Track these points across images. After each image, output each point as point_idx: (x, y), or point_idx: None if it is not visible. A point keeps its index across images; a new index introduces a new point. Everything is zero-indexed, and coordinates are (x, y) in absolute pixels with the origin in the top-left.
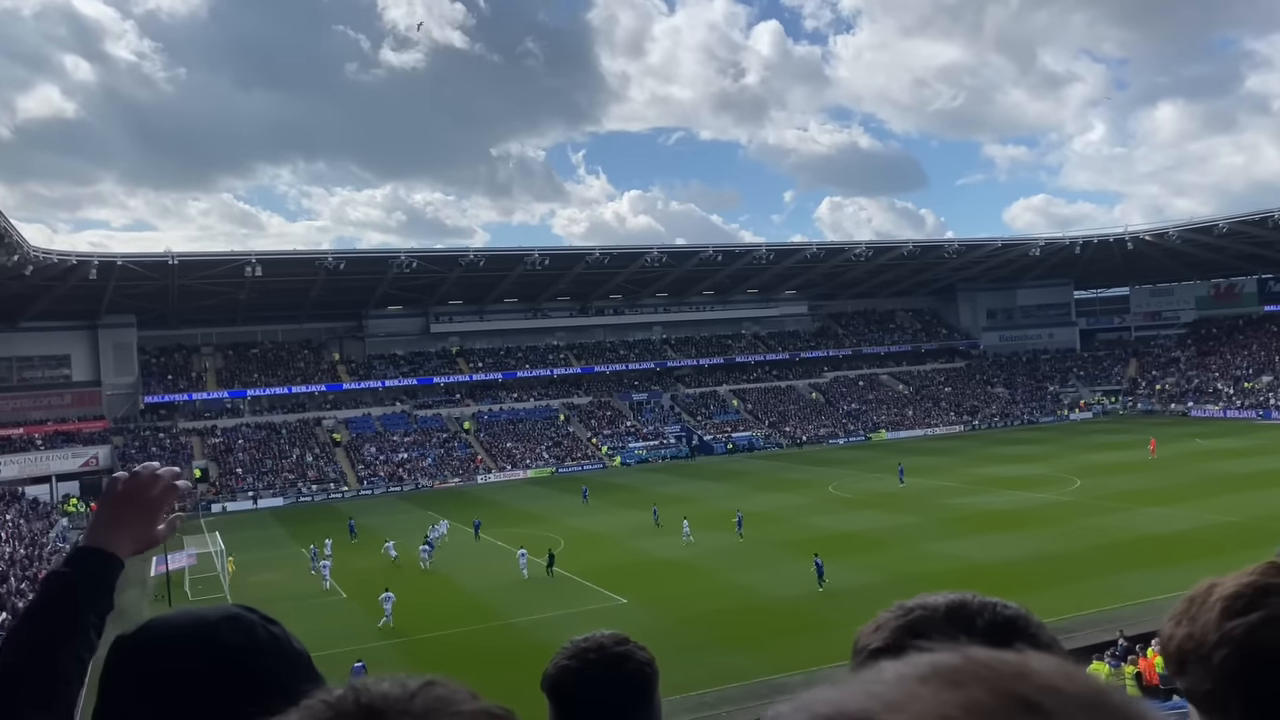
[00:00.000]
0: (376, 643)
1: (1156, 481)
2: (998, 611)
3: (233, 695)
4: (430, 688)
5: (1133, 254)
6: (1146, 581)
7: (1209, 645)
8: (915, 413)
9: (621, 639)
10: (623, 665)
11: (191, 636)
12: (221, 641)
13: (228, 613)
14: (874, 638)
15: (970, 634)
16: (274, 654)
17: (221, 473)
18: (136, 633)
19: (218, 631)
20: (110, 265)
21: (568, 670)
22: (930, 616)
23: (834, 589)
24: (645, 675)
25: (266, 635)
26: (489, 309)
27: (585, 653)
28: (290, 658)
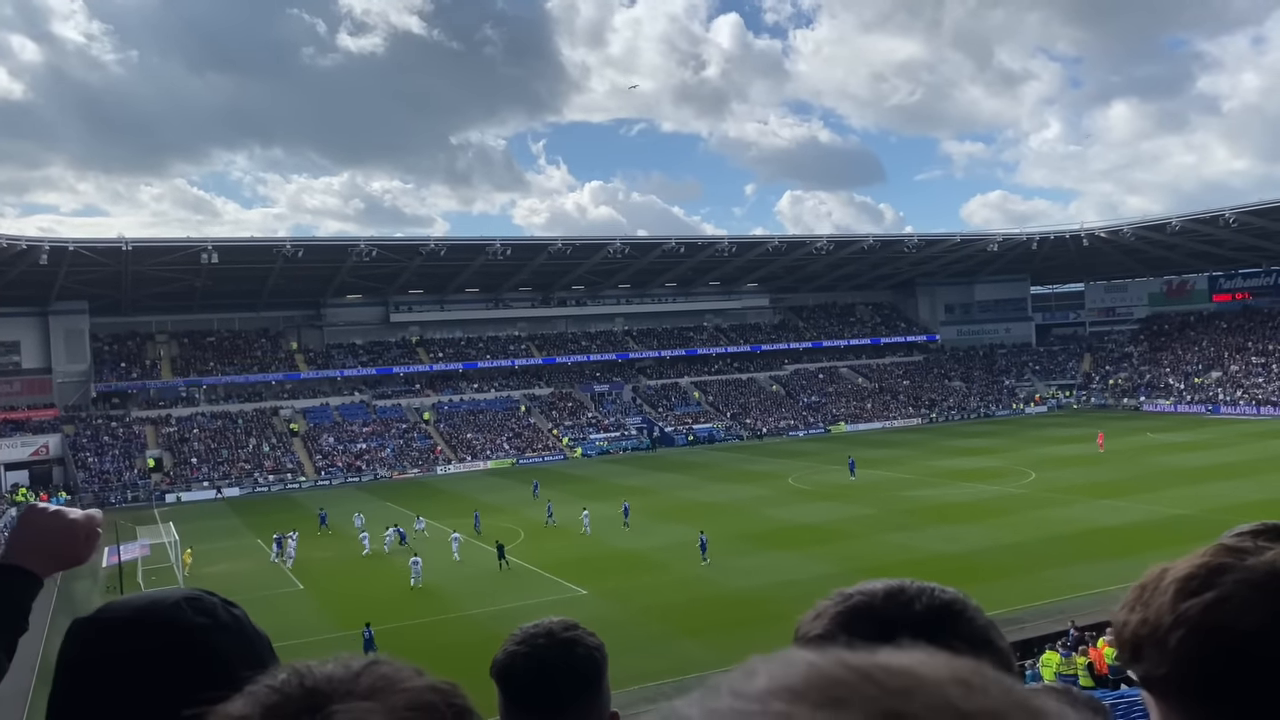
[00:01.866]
0: (331, 634)
1: (1108, 474)
2: (935, 595)
3: (194, 675)
4: (374, 666)
5: (1088, 250)
6: (1098, 572)
7: (1164, 628)
8: (874, 405)
9: (570, 625)
10: (571, 650)
11: (151, 617)
12: (182, 621)
13: (188, 594)
14: (814, 625)
15: (908, 618)
16: (235, 634)
17: (176, 462)
18: (94, 615)
19: (178, 611)
20: (62, 251)
21: (516, 655)
22: (868, 602)
23: (793, 579)
24: (594, 660)
25: (228, 616)
26: (450, 299)
27: (534, 638)
28: (251, 639)
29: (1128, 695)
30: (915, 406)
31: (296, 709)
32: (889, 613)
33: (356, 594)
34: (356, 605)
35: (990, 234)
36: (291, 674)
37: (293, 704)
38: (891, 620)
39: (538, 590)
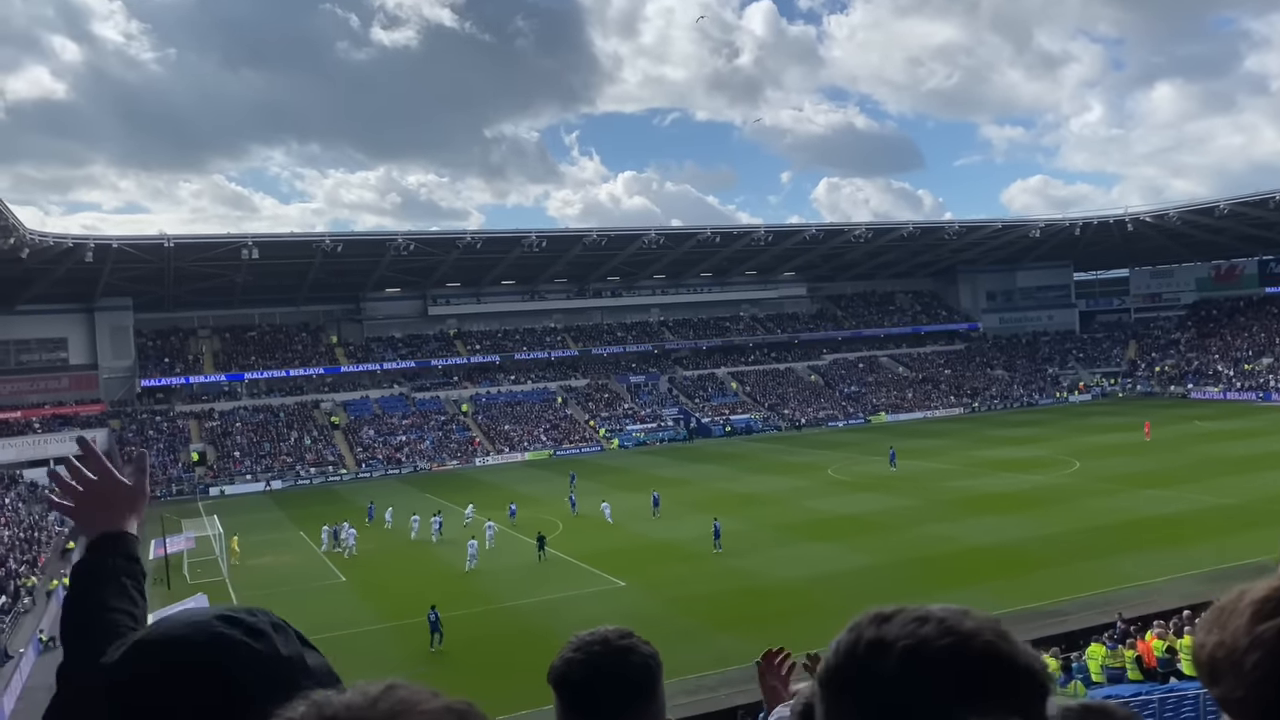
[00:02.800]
0: (374, 626)
1: (1155, 463)
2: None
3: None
4: (391, 691)
5: (1133, 235)
6: (1145, 563)
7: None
8: (915, 395)
9: (625, 633)
10: (626, 658)
11: (172, 659)
12: (204, 666)
13: (213, 632)
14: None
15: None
16: (258, 678)
17: (219, 456)
18: (122, 656)
19: (201, 655)
20: (106, 248)
21: (573, 663)
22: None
23: (833, 571)
24: (649, 669)
25: (249, 655)
26: (486, 291)
27: (590, 646)
28: (282, 668)
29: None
30: (957, 396)
31: None
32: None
33: (399, 586)
34: (398, 597)
35: (1032, 220)
36: (310, 706)
37: None
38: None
39: (577, 582)
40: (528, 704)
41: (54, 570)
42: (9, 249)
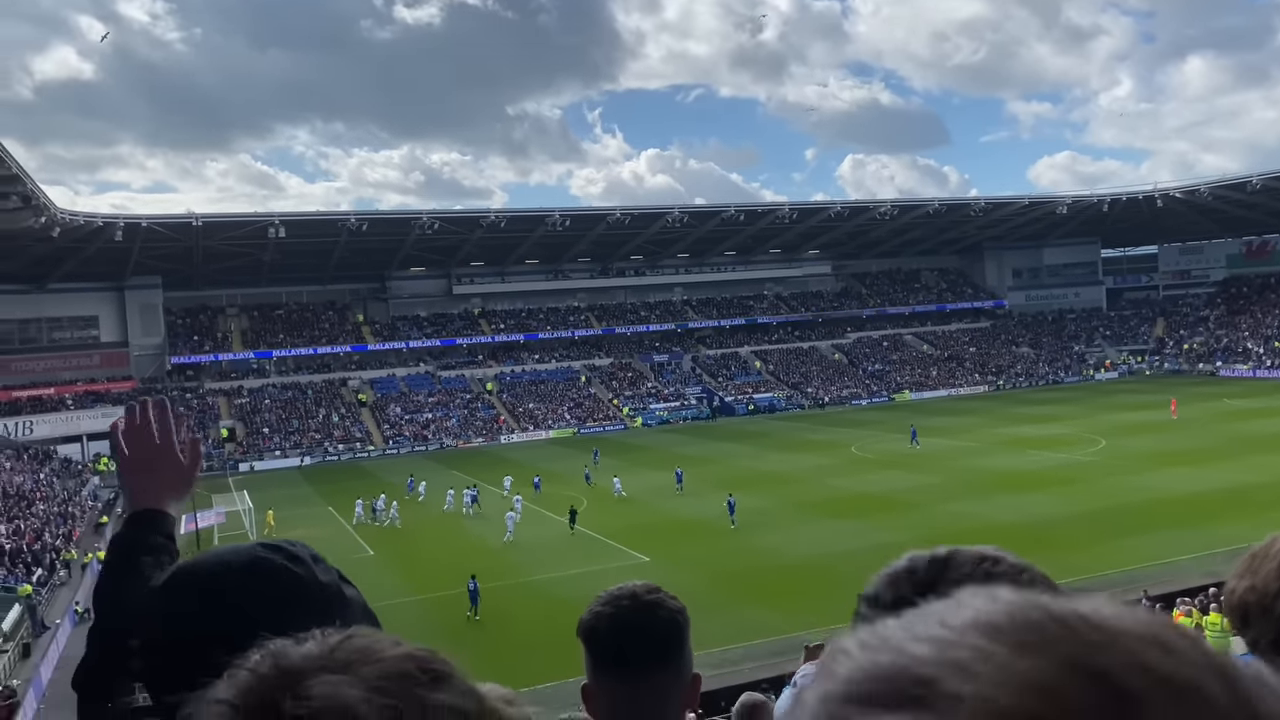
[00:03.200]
0: (402, 599)
1: (1183, 442)
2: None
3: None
4: (350, 640)
5: (1162, 211)
6: (1170, 542)
7: (1271, 595)
8: (939, 373)
9: (653, 588)
10: (654, 612)
11: (214, 583)
12: (244, 589)
13: (253, 555)
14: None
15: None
16: (296, 599)
17: (248, 432)
18: (167, 579)
19: (241, 579)
20: (135, 227)
21: (601, 617)
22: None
23: (856, 548)
24: (676, 623)
25: (289, 578)
26: (510, 270)
27: (618, 600)
28: (315, 597)
29: None
30: (982, 374)
31: (272, 688)
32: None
33: (427, 560)
34: (426, 571)
35: (1060, 196)
36: (266, 654)
37: (268, 683)
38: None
39: (601, 557)
40: (554, 676)
41: (89, 544)
42: (40, 228)
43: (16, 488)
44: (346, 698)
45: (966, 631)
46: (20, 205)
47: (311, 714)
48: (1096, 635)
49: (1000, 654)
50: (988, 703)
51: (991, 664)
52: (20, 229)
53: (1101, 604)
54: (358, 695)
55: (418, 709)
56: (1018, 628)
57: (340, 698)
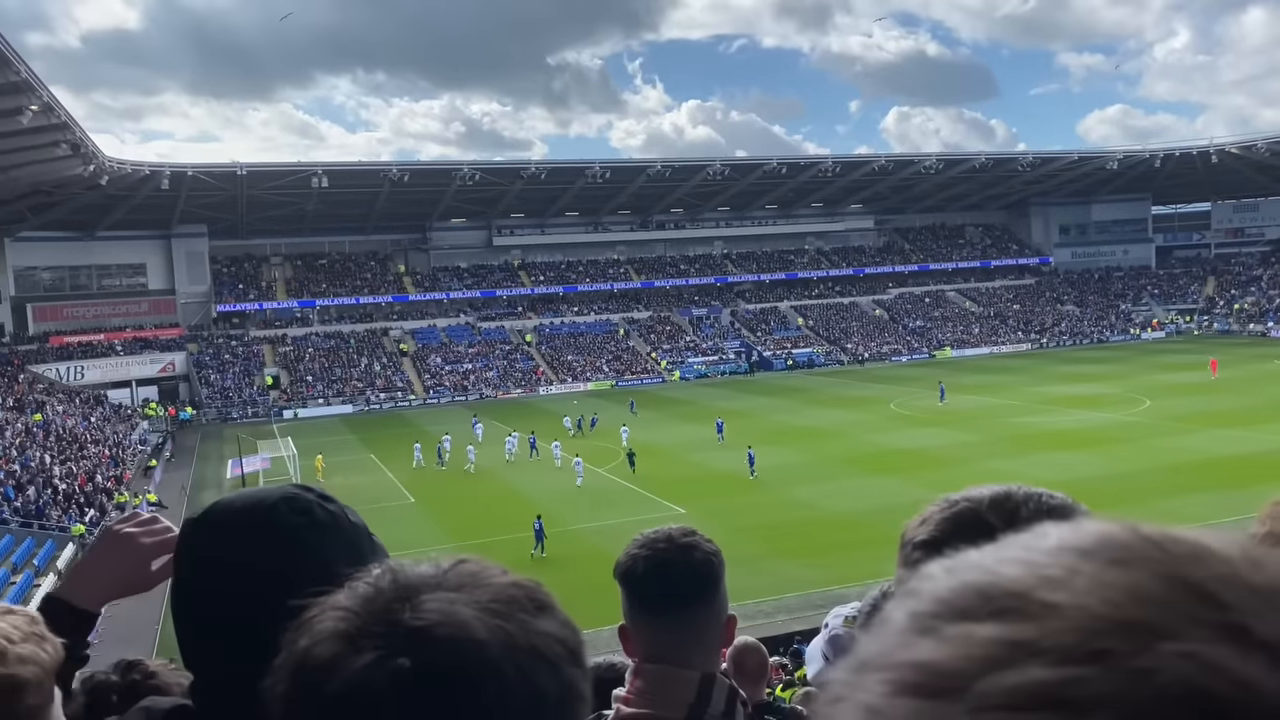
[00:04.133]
0: (444, 545)
1: (1230, 403)
2: (1042, 501)
3: (291, 571)
4: (462, 564)
5: (1216, 167)
6: (1214, 504)
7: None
8: (982, 330)
9: (689, 531)
10: (690, 554)
11: (251, 517)
12: (280, 521)
13: (285, 493)
14: (919, 531)
15: (1014, 524)
16: (331, 529)
17: (292, 380)
18: (201, 517)
19: (276, 512)
20: (181, 175)
21: (637, 558)
22: (974, 508)
23: (894, 505)
24: (711, 564)
25: (324, 513)
26: (550, 222)
27: (654, 542)
28: (347, 532)
29: None
30: (1025, 331)
31: (389, 600)
32: (995, 517)
33: (466, 506)
34: (465, 518)
35: (1110, 151)
36: (386, 570)
37: (385, 596)
38: (997, 526)
39: (637, 508)
40: (588, 624)
41: (138, 486)
42: (89, 176)
43: (69, 431)
44: (461, 614)
45: (1056, 552)
46: (69, 153)
47: (428, 625)
48: (1186, 551)
49: (1092, 569)
50: (1083, 610)
51: (1084, 576)
52: (70, 177)
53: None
54: (471, 613)
55: (524, 633)
56: (1108, 547)
57: (456, 613)
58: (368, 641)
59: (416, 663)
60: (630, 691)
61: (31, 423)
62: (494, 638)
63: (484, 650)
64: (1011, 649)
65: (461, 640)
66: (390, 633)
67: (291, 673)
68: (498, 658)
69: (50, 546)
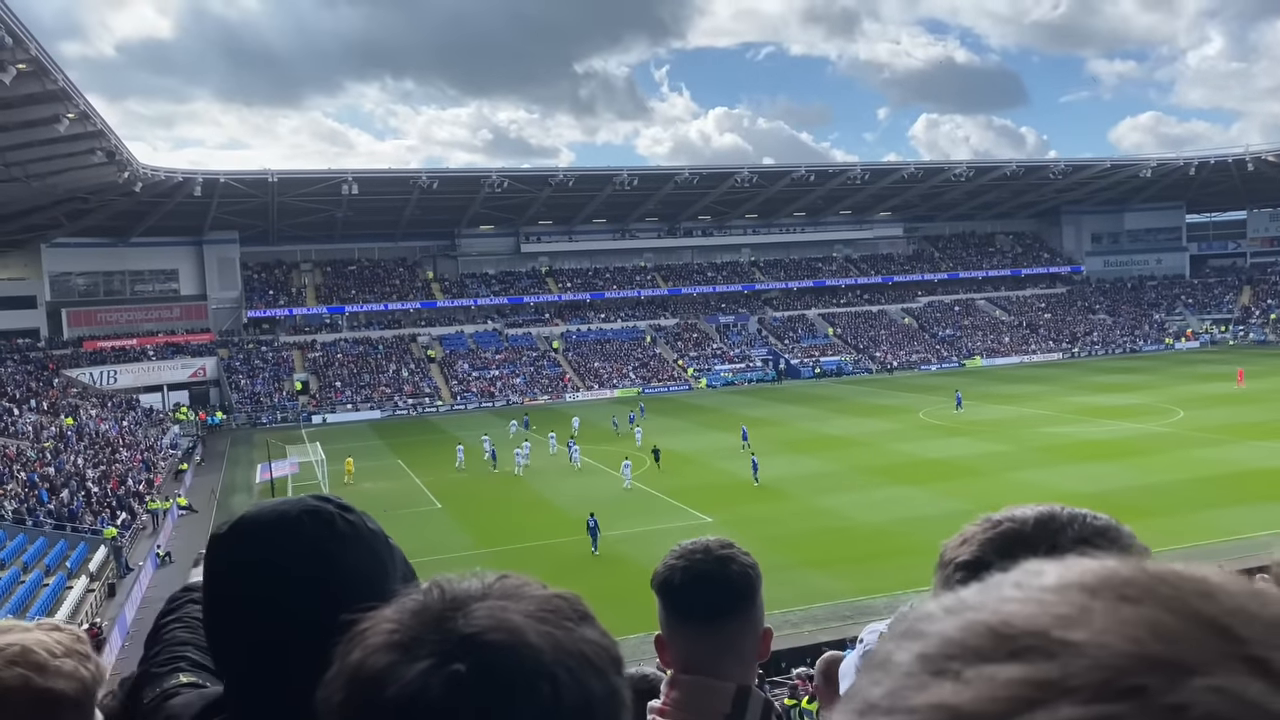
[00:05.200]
0: (471, 551)
1: (1265, 414)
2: (1087, 523)
3: (314, 582)
4: (505, 579)
5: (1252, 175)
6: (1249, 517)
7: None
8: (1012, 339)
9: (726, 543)
10: (726, 566)
11: (276, 530)
12: (304, 534)
13: (307, 507)
14: (960, 551)
15: (1059, 546)
16: (352, 539)
17: (321, 385)
18: (228, 530)
19: (300, 525)
20: (213, 182)
21: (675, 569)
22: (1018, 529)
23: (923, 515)
24: (749, 577)
25: (344, 524)
26: (578, 229)
27: (692, 554)
28: (366, 540)
29: None
30: (1056, 341)
31: (439, 610)
32: (1039, 539)
33: (493, 512)
34: (490, 524)
35: (1143, 159)
36: (433, 585)
37: (435, 607)
38: (1041, 547)
39: (665, 516)
40: (619, 632)
41: (169, 490)
42: (124, 182)
43: (102, 435)
44: (513, 620)
45: (1062, 590)
46: (105, 160)
47: (481, 631)
48: (1195, 586)
49: (1104, 605)
50: (1106, 648)
51: (1099, 614)
52: (105, 183)
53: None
54: (521, 620)
55: (572, 639)
56: (1116, 584)
57: (507, 620)
58: (422, 649)
59: (472, 667)
60: (666, 702)
61: (65, 426)
62: (545, 643)
63: (538, 655)
64: (1039, 689)
65: (515, 645)
66: (444, 639)
67: (347, 682)
68: (550, 662)
69: (83, 549)
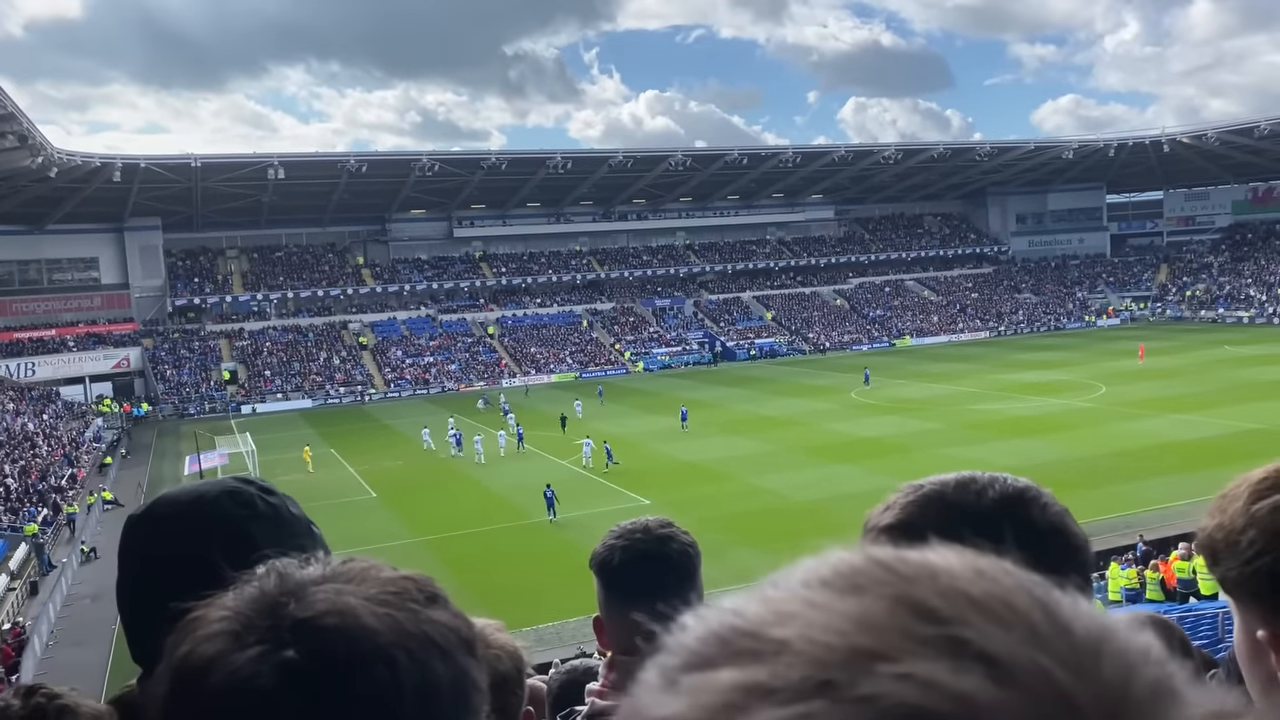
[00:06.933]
0: (406, 540)
1: (1182, 388)
2: (1006, 484)
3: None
4: (349, 563)
5: (1169, 157)
6: (1168, 487)
7: (1237, 530)
8: (941, 319)
9: (665, 523)
10: (667, 545)
11: (193, 510)
12: (223, 514)
13: (227, 487)
14: (883, 517)
15: (979, 506)
16: (273, 521)
17: (250, 375)
18: (145, 512)
19: (218, 505)
20: (134, 167)
21: (614, 549)
22: (939, 491)
23: (855, 492)
24: (688, 555)
25: (266, 506)
26: (511, 213)
27: (631, 533)
28: (289, 524)
29: (1195, 609)
30: (983, 320)
31: (275, 596)
32: (960, 500)
33: (428, 501)
34: (427, 512)
35: (1065, 141)
36: (271, 569)
37: (271, 593)
38: (962, 508)
39: (602, 499)
40: (555, 616)
41: (93, 484)
42: (38, 168)
43: (20, 429)
44: (349, 603)
45: (795, 586)
46: (17, 145)
47: (314, 616)
48: (916, 571)
49: (825, 599)
50: (812, 643)
51: (813, 608)
52: (17, 169)
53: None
54: (359, 602)
55: (415, 620)
56: (842, 575)
57: (343, 603)
58: (252, 636)
59: (303, 652)
60: (605, 684)
61: None
62: (383, 625)
63: (374, 637)
64: (745, 694)
65: (349, 629)
66: (275, 625)
67: (173, 674)
68: (388, 644)
69: (2, 547)
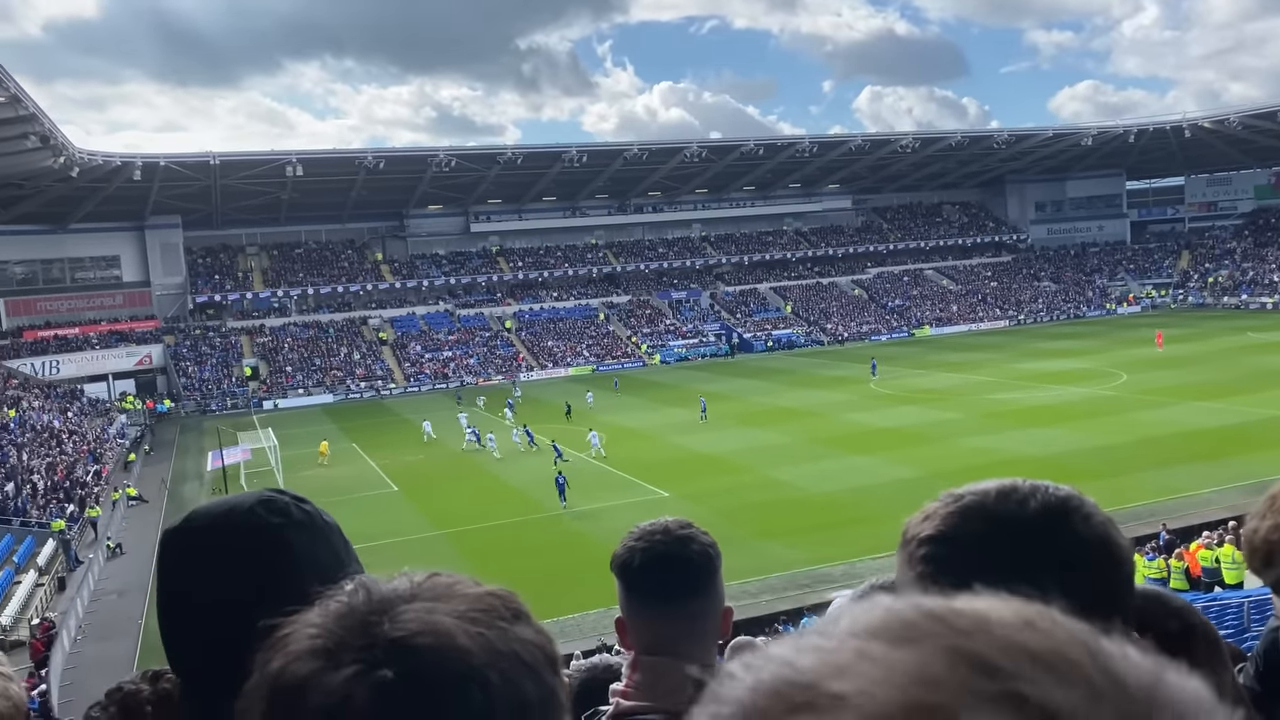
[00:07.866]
0: (428, 533)
1: (1204, 375)
2: (1049, 493)
3: (270, 571)
4: (436, 577)
5: (1190, 142)
6: (1191, 476)
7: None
8: (960, 308)
9: (685, 524)
10: (687, 546)
11: (230, 522)
12: (258, 523)
13: (261, 497)
14: (923, 527)
15: (1022, 516)
16: (309, 529)
17: (271, 370)
18: (179, 525)
19: (254, 515)
20: (154, 166)
21: (635, 551)
22: (980, 501)
23: (875, 483)
24: (709, 556)
25: (300, 513)
26: (528, 208)
27: (651, 535)
28: (323, 531)
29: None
30: (1003, 308)
31: (365, 613)
32: (1002, 511)
33: (449, 495)
34: (449, 506)
35: (1084, 128)
36: (359, 585)
37: (361, 610)
38: (1004, 519)
39: (621, 492)
40: (576, 609)
41: (118, 480)
42: (60, 167)
43: (46, 426)
44: (442, 622)
45: (845, 637)
46: (39, 145)
47: (408, 635)
48: (968, 623)
49: (877, 650)
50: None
51: (868, 661)
52: (40, 169)
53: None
54: (451, 622)
55: (505, 640)
56: (893, 626)
57: (436, 622)
58: (347, 655)
59: (399, 673)
60: (628, 685)
61: (7, 418)
62: (476, 645)
63: (467, 658)
64: None
65: (444, 649)
66: (370, 645)
67: (268, 693)
68: (482, 664)
69: (30, 543)
